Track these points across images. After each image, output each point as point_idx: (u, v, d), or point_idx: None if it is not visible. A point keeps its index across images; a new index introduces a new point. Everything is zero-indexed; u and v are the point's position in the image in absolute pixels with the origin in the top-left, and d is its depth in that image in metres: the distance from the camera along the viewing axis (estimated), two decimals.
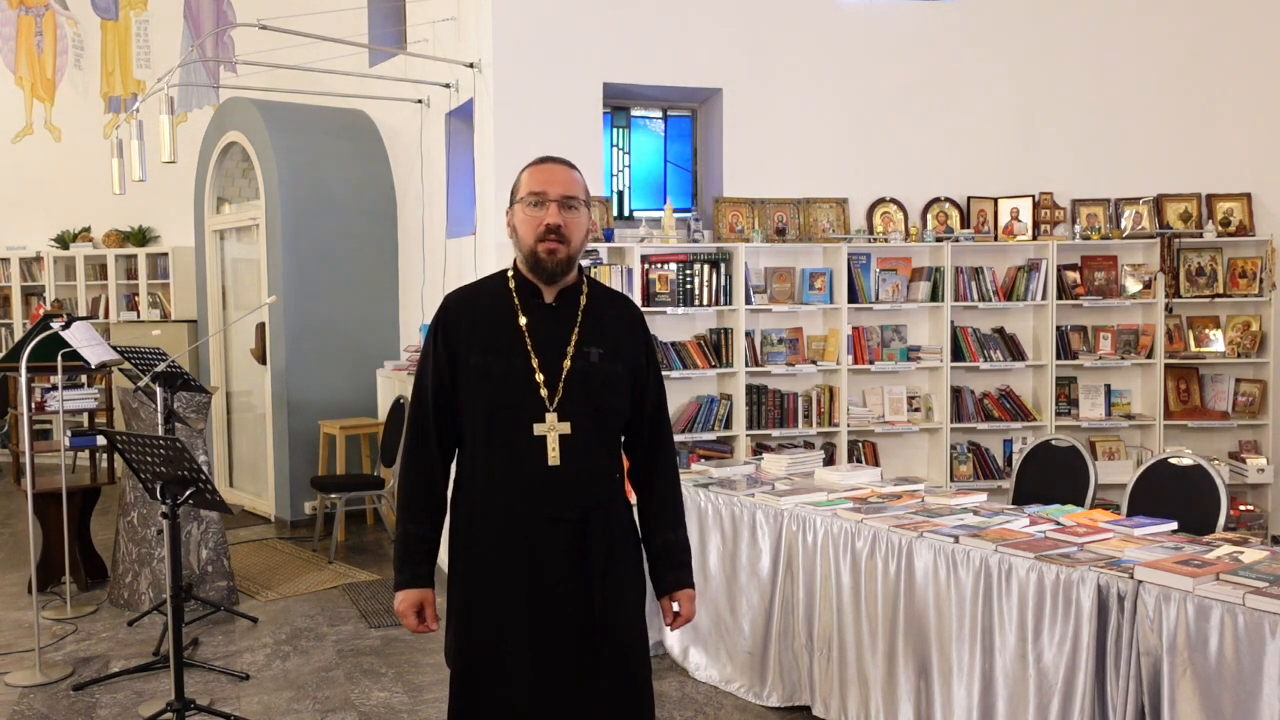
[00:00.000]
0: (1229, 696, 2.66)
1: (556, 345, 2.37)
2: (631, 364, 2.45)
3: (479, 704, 2.38)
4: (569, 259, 2.36)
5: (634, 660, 2.45)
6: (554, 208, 2.32)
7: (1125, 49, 6.56)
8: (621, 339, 2.44)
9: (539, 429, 2.33)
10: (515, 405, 2.34)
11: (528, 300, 2.41)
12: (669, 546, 2.51)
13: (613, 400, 2.41)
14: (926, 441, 6.60)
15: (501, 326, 2.38)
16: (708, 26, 6.35)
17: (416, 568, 2.43)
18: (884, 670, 3.65)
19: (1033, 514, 3.75)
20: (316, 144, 7.51)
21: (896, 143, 6.56)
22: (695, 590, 2.54)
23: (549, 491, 2.33)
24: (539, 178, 2.36)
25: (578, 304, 2.43)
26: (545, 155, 2.42)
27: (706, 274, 6.15)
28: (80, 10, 10.21)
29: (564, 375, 2.35)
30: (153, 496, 3.62)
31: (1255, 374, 6.45)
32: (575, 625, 2.35)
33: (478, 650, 2.39)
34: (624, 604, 2.42)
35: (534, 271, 2.38)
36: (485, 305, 2.43)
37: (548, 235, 2.32)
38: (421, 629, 2.44)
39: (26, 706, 4.22)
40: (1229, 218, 6.47)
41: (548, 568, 2.34)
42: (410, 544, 2.43)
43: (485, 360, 2.36)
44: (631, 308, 2.56)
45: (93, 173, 9.63)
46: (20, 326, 10.04)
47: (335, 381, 7.48)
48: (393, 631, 5.09)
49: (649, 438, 2.53)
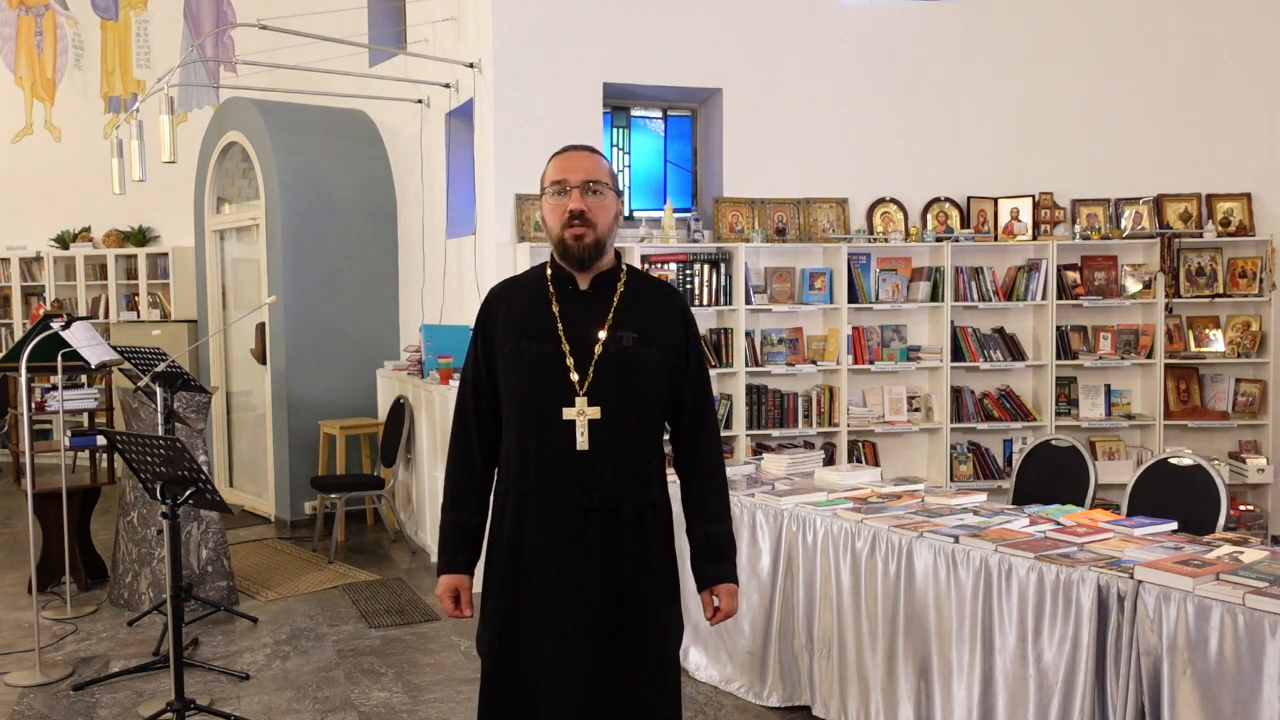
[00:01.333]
0: (1229, 696, 2.66)
1: (589, 330, 2.38)
2: (669, 350, 2.42)
3: (509, 691, 2.39)
4: (597, 243, 2.36)
5: (663, 653, 2.43)
6: (576, 193, 2.34)
7: (1125, 49, 6.57)
8: (658, 324, 2.42)
9: (568, 413, 2.33)
10: (545, 389, 2.35)
11: (562, 288, 2.43)
12: (710, 538, 2.46)
13: (645, 385, 2.39)
14: (926, 441, 6.60)
15: (536, 313, 2.41)
16: (708, 26, 6.35)
17: (455, 554, 2.46)
18: (884, 670, 3.65)
19: (1033, 514, 3.75)
20: (316, 144, 7.51)
21: (896, 143, 6.57)
22: (738, 585, 2.49)
23: (579, 477, 2.33)
24: (561, 166, 2.38)
25: (614, 290, 2.43)
26: (569, 144, 2.45)
27: (706, 274, 6.15)
28: (80, 10, 10.21)
29: (595, 359, 2.35)
30: (153, 496, 3.62)
31: (1255, 374, 6.45)
32: (604, 615, 2.35)
33: (507, 637, 2.40)
34: (655, 595, 2.41)
35: (565, 259, 2.40)
36: (523, 295, 2.46)
37: (572, 221, 2.34)
38: (457, 614, 2.47)
39: (26, 706, 4.22)
40: (1229, 218, 6.47)
41: (578, 556, 2.34)
42: (450, 531, 2.48)
43: (519, 346, 2.39)
44: (673, 295, 2.54)
45: (93, 173, 9.63)
46: (20, 326, 10.04)
47: (335, 381, 7.48)
48: (393, 631, 5.09)
49: (689, 426, 2.49)
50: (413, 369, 6.78)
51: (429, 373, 6.41)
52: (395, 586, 5.83)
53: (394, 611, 5.38)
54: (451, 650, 4.81)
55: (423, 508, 6.49)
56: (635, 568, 2.37)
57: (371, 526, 7.30)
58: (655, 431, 2.46)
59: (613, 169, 2.46)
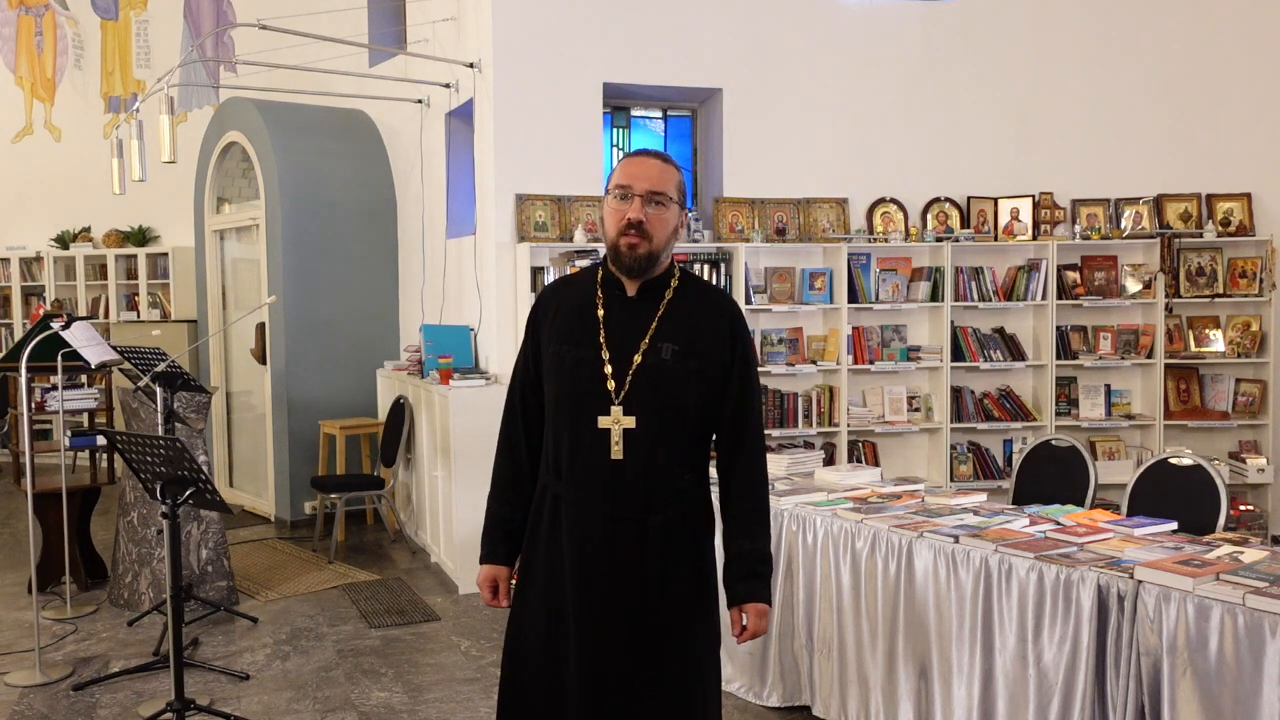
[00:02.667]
0: (1229, 696, 2.66)
1: (631, 339, 2.35)
2: (713, 361, 2.37)
3: (525, 686, 2.40)
4: (650, 255, 2.33)
5: (689, 674, 2.37)
6: (638, 202, 2.31)
7: (1125, 49, 6.57)
8: (704, 335, 2.37)
9: (604, 422, 2.32)
10: (582, 396, 2.34)
11: (610, 293, 2.41)
12: (743, 555, 2.40)
13: (683, 399, 2.34)
14: (926, 441, 6.60)
15: (581, 317, 2.40)
16: (708, 26, 6.35)
17: (494, 545, 2.48)
18: (884, 670, 3.65)
19: (1033, 514, 3.75)
20: (316, 144, 7.51)
21: (896, 143, 6.57)
22: (770, 606, 2.42)
23: (610, 486, 2.32)
24: (628, 171, 2.35)
25: (661, 298, 2.40)
26: (642, 148, 2.43)
27: (706, 274, 6.15)
28: (80, 10, 10.21)
29: (633, 369, 2.33)
30: (153, 496, 3.62)
31: (1255, 374, 6.45)
32: (626, 626, 2.32)
33: (527, 635, 2.41)
34: (681, 615, 2.36)
35: (616, 264, 2.38)
36: (573, 296, 2.45)
37: (628, 230, 2.31)
38: (495, 604, 2.49)
39: (26, 706, 4.22)
40: (1229, 218, 6.47)
41: (605, 563, 2.33)
42: (492, 522, 2.50)
43: (561, 350, 2.39)
44: (726, 304, 2.46)
45: (93, 173, 9.64)
46: (20, 326, 10.04)
47: (335, 381, 7.48)
48: (393, 631, 5.09)
49: (730, 438, 2.43)
50: (413, 369, 6.78)
51: (429, 373, 6.41)
52: (395, 586, 5.83)
53: (394, 611, 5.38)
54: (451, 650, 4.81)
55: (423, 508, 6.49)
56: (661, 584, 2.34)
57: (371, 526, 7.30)
58: (694, 445, 2.40)
59: (682, 181, 2.41)
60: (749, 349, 2.45)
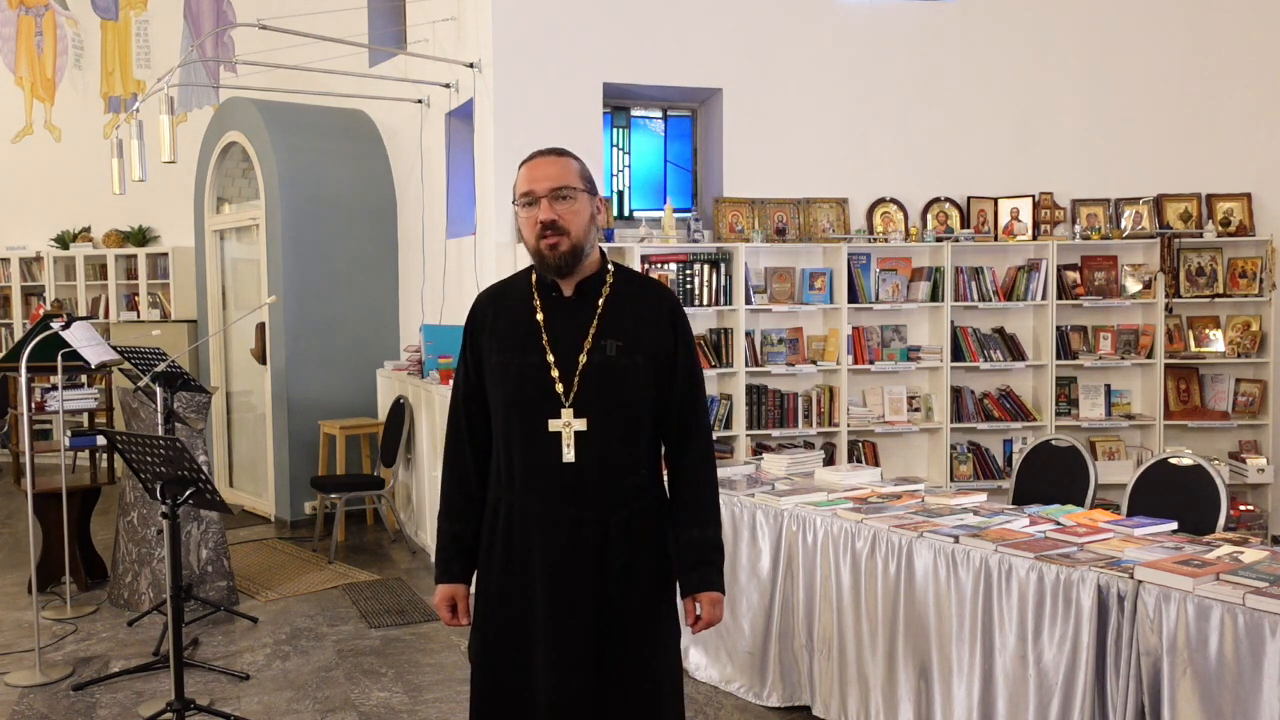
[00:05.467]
0: (1229, 696, 2.66)
1: (573, 340, 2.34)
2: (657, 352, 2.37)
3: (496, 701, 2.38)
4: (574, 249, 2.32)
5: (657, 666, 2.40)
6: (544, 203, 2.30)
7: (1125, 49, 6.57)
8: (645, 327, 2.37)
9: (554, 425, 2.31)
10: (531, 402, 2.32)
11: (546, 295, 2.40)
12: (694, 544, 2.40)
13: (632, 395, 2.34)
14: (926, 441, 6.60)
15: (520, 323, 2.38)
16: (708, 26, 6.35)
17: (449, 564, 2.45)
18: (884, 670, 3.65)
19: (1033, 514, 3.75)
20: (316, 144, 7.51)
21: (896, 143, 6.57)
22: (723, 594, 2.42)
23: (567, 489, 2.31)
24: (527, 176, 2.35)
25: (598, 295, 2.39)
26: (537, 150, 2.39)
27: (706, 274, 6.15)
28: (80, 10, 10.21)
29: (579, 370, 2.32)
30: (153, 496, 3.62)
31: (1255, 374, 6.45)
32: (594, 627, 2.32)
33: (495, 649, 2.39)
34: (645, 608, 2.38)
35: (543, 270, 2.37)
36: (509, 302, 2.44)
37: (545, 232, 2.31)
38: (454, 623, 2.45)
39: (26, 706, 4.22)
40: (1229, 218, 6.47)
41: (567, 567, 2.32)
42: (445, 540, 2.47)
43: (506, 357, 2.37)
44: (662, 293, 2.46)
45: (93, 173, 9.63)
46: (20, 326, 10.04)
47: (335, 381, 7.48)
48: (393, 631, 5.09)
49: (677, 426, 2.41)
50: (413, 369, 6.78)
51: (429, 373, 6.41)
52: (395, 586, 5.83)
53: (394, 611, 5.38)
54: (451, 650, 4.81)
55: (422, 508, 6.49)
56: (625, 579, 2.35)
57: (371, 526, 7.30)
58: (647, 440, 2.40)
59: (584, 168, 2.38)
60: (690, 337, 2.46)
